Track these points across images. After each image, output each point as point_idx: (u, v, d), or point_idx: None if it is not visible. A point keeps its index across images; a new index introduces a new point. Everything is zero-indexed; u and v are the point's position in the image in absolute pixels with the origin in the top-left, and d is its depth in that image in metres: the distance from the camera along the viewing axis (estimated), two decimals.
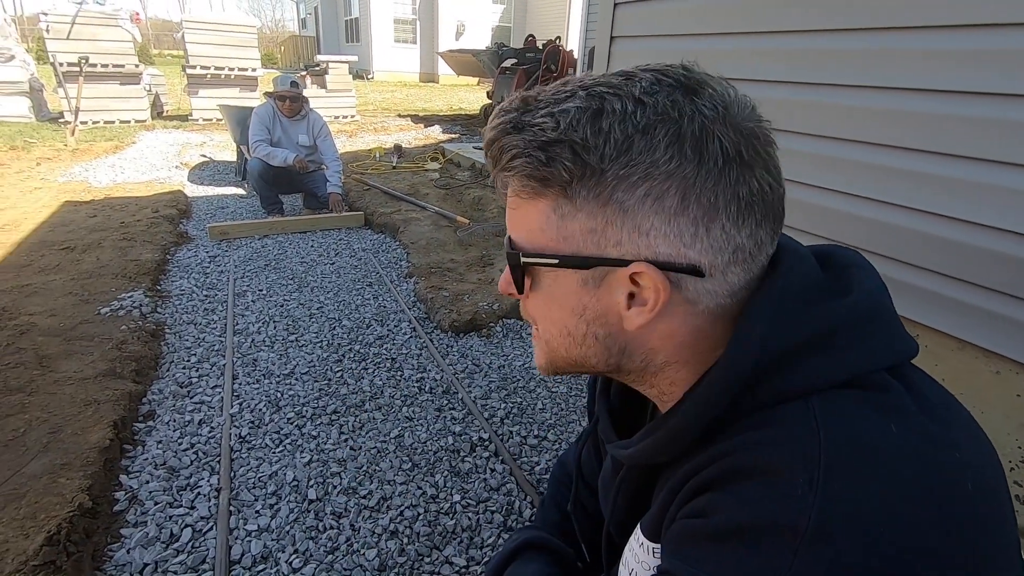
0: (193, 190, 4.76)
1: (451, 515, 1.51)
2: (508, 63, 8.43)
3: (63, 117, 6.77)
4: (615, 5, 2.25)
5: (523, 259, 0.46)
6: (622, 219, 0.41)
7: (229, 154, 5.96)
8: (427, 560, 1.38)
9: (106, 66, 6.73)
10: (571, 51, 8.54)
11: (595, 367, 0.50)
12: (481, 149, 5.45)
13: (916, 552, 0.34)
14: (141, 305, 2.48)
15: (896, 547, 0.33)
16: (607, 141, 0.39)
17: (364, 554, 1.38)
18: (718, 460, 0.40)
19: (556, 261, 0.45)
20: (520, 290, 0.49)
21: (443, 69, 15.21)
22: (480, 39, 16.84)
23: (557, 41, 8.54)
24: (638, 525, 0.52)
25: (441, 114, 10.23)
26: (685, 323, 0.44)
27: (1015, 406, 1.29)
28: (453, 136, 7.66)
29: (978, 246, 1.28)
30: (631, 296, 0.44)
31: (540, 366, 0.53)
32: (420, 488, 1.60)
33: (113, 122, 7.10)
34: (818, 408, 0.39)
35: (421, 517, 1.50)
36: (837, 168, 1.55)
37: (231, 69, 7.63)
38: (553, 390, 2.12)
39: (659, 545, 0.47)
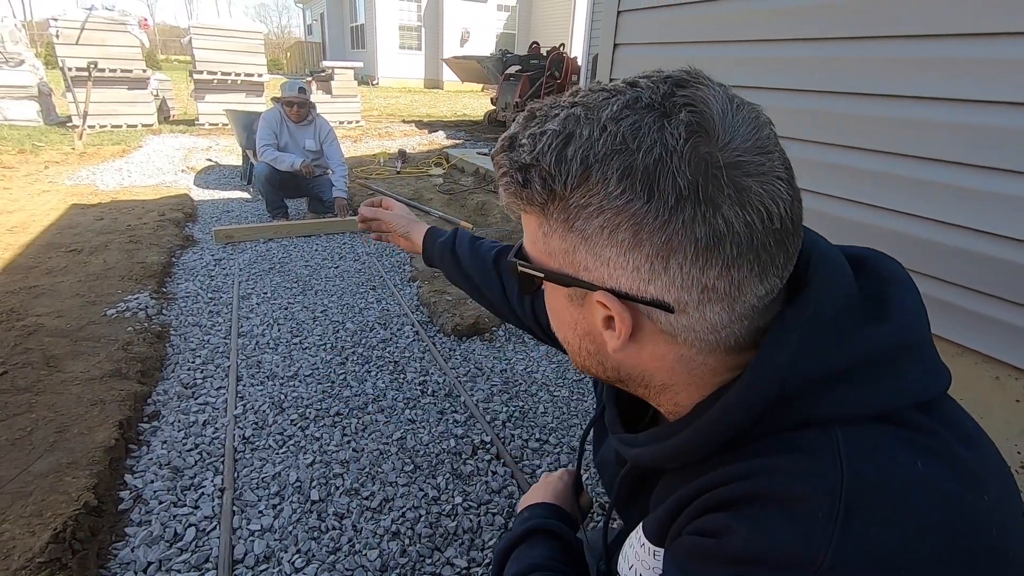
0: (199, 194, 4.80)
1: (452, 517, 1.52)
2: (512, 70, 8.49)
3: (71, 121, 6.83)
4: (619, 13, 2.28)
5: (519, 267, 0.47)
6: (585, 246, 0.41)
7: (235, 158, 6.01)
8: (428, 561, 1.39)
9: (114, 71, 6.81)
10: (575, 58, 8.59)
11: (598, 376, 0.51)
12: (485, 155, 5.47)
13: None
14: (147, 307, 2.50)
15: None
16: (568, 171, 0.39)
17: (366, 555, 1.39)
18: (734, 481, 0.39)
19: (542, 275, 0.46)
20: (525, 292, 0.49)
21: (447, 75, 15.32)
22: (484, 46, 16.96)
23: (561, 48, 8.59)
24: (640, 524, 0.52)
25: (445, 120, 10.29)
26: (670, 352, 0.43)
27: (1015, 411, 1.29)
28: (457, 142, 7.70)
29: (978, 252, 1.29)
30: (608, 319, 0.43)
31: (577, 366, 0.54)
32: (422, 490, 1.61)
33: (120, 126, 7.18)
34: (842, 440, 0.37)
35: (423, 519, 1.51)
36: (844, 174, 1.57)
37: (237, 74, 7.70)
38: (555, 394, 2.12)
39: (661, 549, 0.47)
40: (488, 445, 1.81)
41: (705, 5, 1.89)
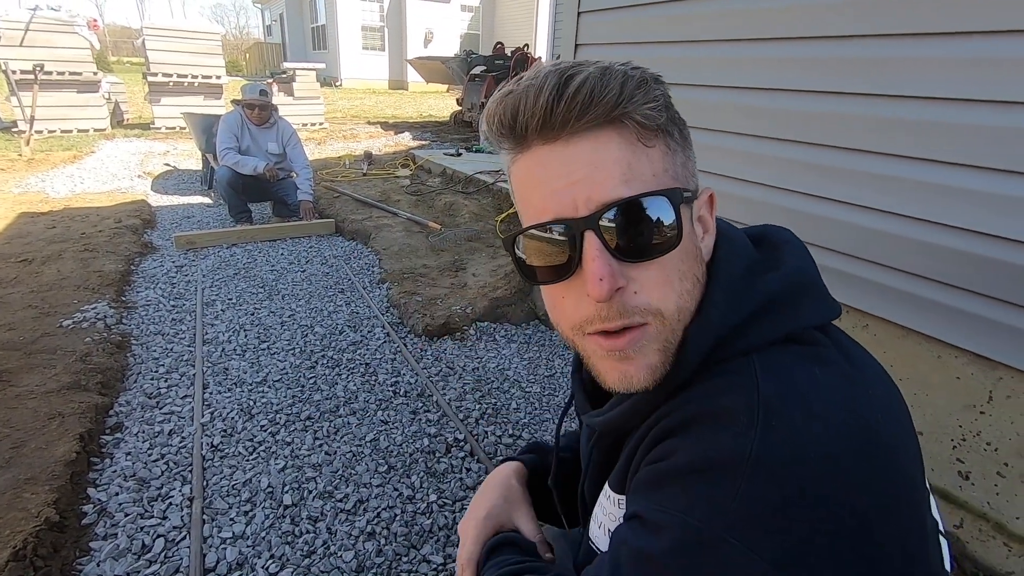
0: (157, 200, 4.66)
1: (428, 515, 1.53)
2: (477, 70, 8.50)
3: (16, 126, 6.53)
4: (579, 14, 2.32)
5: (684, 195, 0.46)
6: (689, 150, 0.50)
7: (194, 163, 5.85)
8: (404, 559, 1.40)
9: (62, 74, 6.53)
10: (539, 58, 8.67)
11: (674, 321, 0.47)
12: (451, 155, 5.43)
13: (843, 476, 0.39)
14: (105, 317, 2.43)
15: (826, 473, 0.39)
16: (662, 89, 0.48)
17: (341, 556, 1.39)
18: (673, 413, 0.46)
19: (689, 195, 0.48)
20: (679, 240, 0.45)
21: (412, 76, 15.20)
22: (449, 46, 16.90)
23: (525, 48, 8.64)
24: (606, 483, 0.56)
25: (411, 121, 10.22)
26: (703, 247, 0.51)
27: (956, 388, 1.38)
28: (423, 143, 7.66)
29: (912, 238, 1.37)
30: (700, 218, 0.50)
31: (653, 367, 0.46)
32: (396, 489, 1.61)
33: (71, 131, 6.89)
34: (758, 362, 0.45)
35: (398, 518, 1.51)
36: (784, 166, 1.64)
37: (194, 76, 7.49)
38: (527, 390, 2.15)
39: (624, 496, 0.51)
40: (462, 443, 1.83)
41: (657, 7, 1.94)
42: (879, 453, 0.41)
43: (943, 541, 0.50)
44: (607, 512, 0.55)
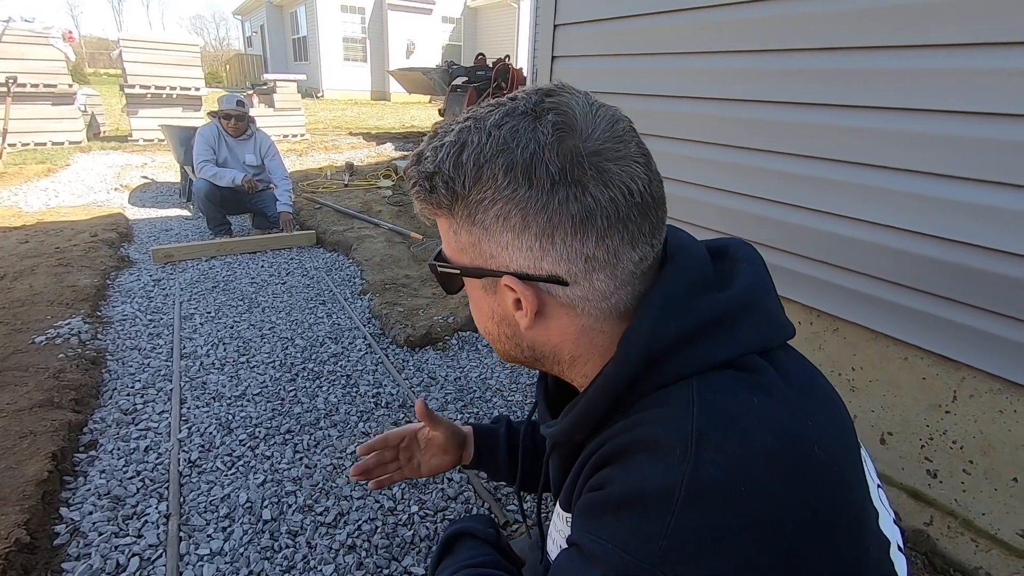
0: (135, 213, 4.59)
1: (409, 526, 1.53)
2: (459, 81, 8.54)
3: None
4: (555, 27, 2.36)
5: (438, 269, 0.54)
6: (487, 236, 0.48)
7: (172, 175, 5.79)
8: (385, 571, 1.39)
9: (36, 86, 6.44)
10: (520, 69, 8.73)
11: (520, 361, 0.56)
12: None
13: (774, 508, 0.39)
14: (80, 332, 2.38)
15: (756, 506, 0.39)
16: (464, 172, 0.46)
17: (321, 570, 1.38)
18: (614, 438, 0.46)
19: (457, 271, 0.52)
20: (449, 291, 0.56)
21: (395, 87, 15.24)
22: (430, 57, 16.96)
23: (507, 59, 8.71)
24: (557, 501, 0.58)
25: (393, 132, 10.22)
26: (573, 323, 0.50)
27: (922, 388, 1.42)
28: (406, 153, 7.67)
29: (878, 244, 1.42)
30: (517, 302, 0.50)
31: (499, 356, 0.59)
32: (377, 502, 1.60)
33: (45, 144, 6.78)
34: (696, 389, 0.44)
35: (379, 530, 1.51)
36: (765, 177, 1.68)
37: (173, 88, 7.42)
38: (509, 399, 2.16)
39: (570, 515, 0.52)
40: None
41: (627, 21, 1.99)
42: (815, 483, 0.41)
43: (900, 558, 0.50)
44: (558, 529, 0.56)
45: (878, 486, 0.52)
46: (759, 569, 0.38)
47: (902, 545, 0.52)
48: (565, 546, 0.48)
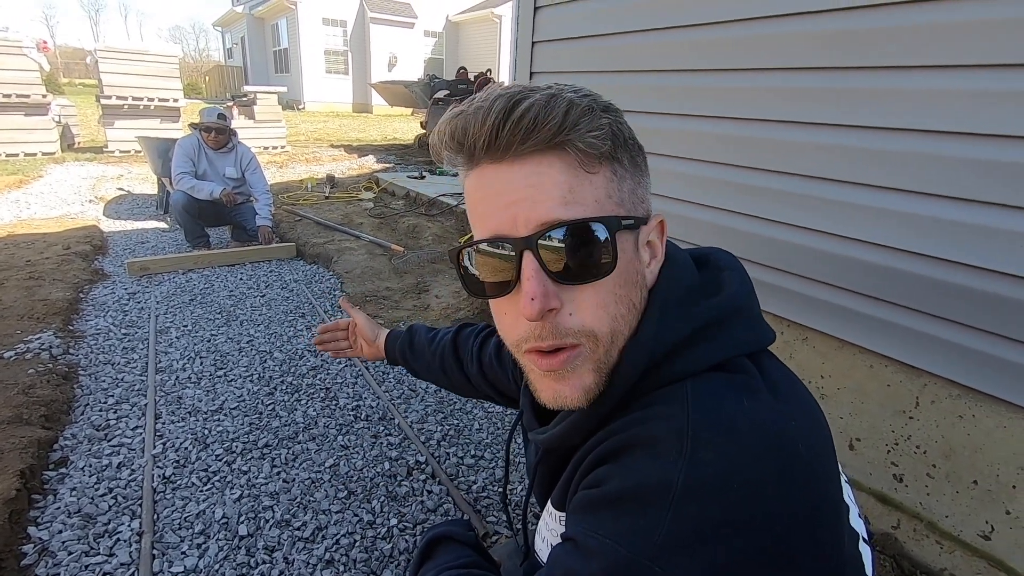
0: (110, 225, 4.52)
1: (388, 539, 1.52)
2: (440, 94, 8.60)
3: None
4: (533, 44, 2.42)
5: (623, 223, 0.47)
6: (644, 179, 0.52)
7: (149, 186, 5.71)
8: None
9: (8, 96, 6.33)
10: (502, 82, 8.82)
11: (603, 346, 0.49)
12: (415, 178, 5.43)
13: (766, 503, 0.41)
14: (51, 347, 2.34)
15: (749, 501, 0.40)
16: (616, 113, 0.50)
17: None
18: (610, 438, 0.47)
19: (632, 222, 0.48)
20: (613, 266, 0.47)
21: (377, 99, 15.25)
22: (412, 70, 17.05)
23: (488, 73, 8.81)
24: (549, 500, 0.59)
25: (375, 144, 10.23)
26: (647, 272, 0.53)
27: (887, 395, 1.47)
28: (388, 166, 7.68)
29: (847, 255, 1.47)
30: (648, 244, 0.52)
31: (587, 388, 0.49)
32: (356, 515, 1.60)
33: (17, 155, 6.65)
34: (690, 389, 0.46)
35: (358, 544, 1.50)
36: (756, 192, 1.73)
37: (151, 99, 7.35)
38: (489, 410, 2.17)
39: (564, 513, 0.54)
40: (423, 465, 1.83)
41: (596, 39, 2.07)
42: (802, 479, 0.43)
43: (867, 549, 0.53)
44: (550, 528, 0.57)
45: (846, 481, 0.55)
46: (751, 561, 0.40)
47: (867, 538, 0.55)
48: (559, 543, 0.49)
